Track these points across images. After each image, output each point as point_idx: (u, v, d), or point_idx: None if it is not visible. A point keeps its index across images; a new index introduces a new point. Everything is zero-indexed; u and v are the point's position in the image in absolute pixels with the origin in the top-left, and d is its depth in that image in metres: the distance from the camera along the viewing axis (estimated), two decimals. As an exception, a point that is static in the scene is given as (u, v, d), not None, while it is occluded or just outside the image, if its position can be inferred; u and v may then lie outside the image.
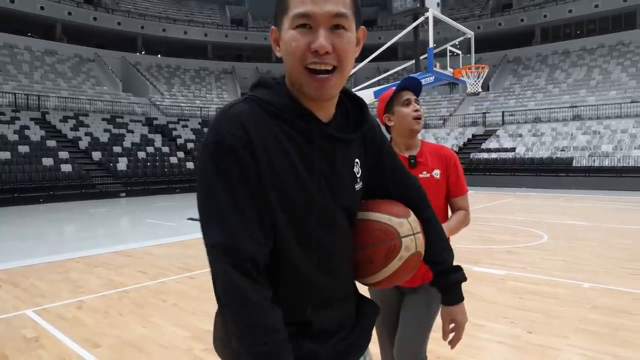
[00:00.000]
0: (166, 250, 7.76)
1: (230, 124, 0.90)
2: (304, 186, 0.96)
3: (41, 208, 15.67)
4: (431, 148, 2.18)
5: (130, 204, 17.20)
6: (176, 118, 28.19)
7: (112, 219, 13.15)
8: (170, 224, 11.43)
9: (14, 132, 19.87)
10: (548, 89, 29.65)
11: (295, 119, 0.96)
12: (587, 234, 8.69)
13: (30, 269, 6.55)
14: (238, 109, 0.93)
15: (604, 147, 20.53)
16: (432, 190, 2.04)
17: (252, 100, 0.96)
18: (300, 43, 0.92)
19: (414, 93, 2.13)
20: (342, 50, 0.94)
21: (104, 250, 7.81)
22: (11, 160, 17.85)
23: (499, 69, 34.14)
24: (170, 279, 5.85)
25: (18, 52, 29.10)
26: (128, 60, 34.24)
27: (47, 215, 13.85)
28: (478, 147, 24.43)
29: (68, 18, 32.42)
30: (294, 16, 0.92)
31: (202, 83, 36.38)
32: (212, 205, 0.90)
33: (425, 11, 8.71)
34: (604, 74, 28.90)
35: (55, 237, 10.47)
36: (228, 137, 0.89)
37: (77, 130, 22.38)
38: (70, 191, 17.93)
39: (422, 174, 2.10)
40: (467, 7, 40.51)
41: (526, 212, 12.05)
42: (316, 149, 0.98)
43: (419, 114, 2.09)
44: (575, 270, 5.87)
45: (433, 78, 8.85)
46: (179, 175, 21.80)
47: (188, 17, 39.58)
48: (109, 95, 28.47)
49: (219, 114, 0.95)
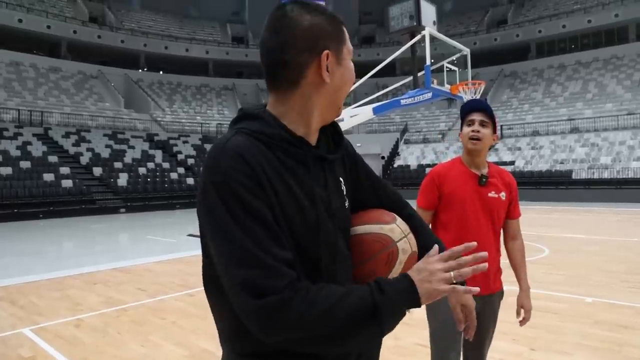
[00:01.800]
0: (166, 267, 7.74)
1: (232, 161, 0.88)
2: (308, 215, 0.95)
3: (41, 224, 15.65)
4: (496, 170, 2.29)
5: (130, 219, 17.18)
6: (177, 134, 28.32)
7: (111, 235, 13.13)
8: (170, 241, 11.41)
9: (17, 148, 19.98)
10: (545, 103, 29.84)
11: (289, 146, 0.95)
12: (588, 247, 8.67)
13: (28, 286, 6.52)
14: (235, 143, 0.90)
15: (602, 159, 20.58)
16: (499, 210, 2.20)
17: (244, 133, 0.93)
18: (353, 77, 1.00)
19: (484, 113, 2.19)
20: None
21: (103, 267, 7.78)
22: (12, 176, 17.91)
23: (496, 84, 34.41)
24: (169, 296, 5.82)
25: (23, 69, 29.47)
26: (130, 77, 34.55)
27: (47, 231, 13.82)
28: (478, 161, 24.44)
29: (73, 36, 32.97)
30: (351, 51, 1.00)
31: (203, 99, 36.63)
32: (233, 245, 0.85)
33: (421, 29, 8.81)
34: (600, 87, 29.14)
35: (54, 253, 10.44)
36: (234, 174, 0.86)
37: (78, 145, 22.48)
38: (70, 207, 17.93)
39: (490, 193, 2.19)
40: (463, 24, 40.97)
41: (526, 226, 11.97)
42: (312, 175, 0.98)
43: (475, 135, 2.16)
44: (577, 285, 5.84)
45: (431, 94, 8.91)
46: (179, 191, 21.82)
47: (190, 35, 40.01)
48: (111, 112, 28.66)
49: (216, 150, 0.91)
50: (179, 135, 28.07)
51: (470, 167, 2.23)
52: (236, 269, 0.84)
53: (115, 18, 37.59)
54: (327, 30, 0.97)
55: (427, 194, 2.25)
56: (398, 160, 27.67)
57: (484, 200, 2.17)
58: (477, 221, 2.16)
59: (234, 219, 0.85)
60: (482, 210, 2.17)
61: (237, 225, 0.84)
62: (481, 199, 2.17)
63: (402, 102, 9.31)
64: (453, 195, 2.18)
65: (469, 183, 2.19)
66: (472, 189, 2.18)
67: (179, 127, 29.92)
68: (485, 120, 2.18)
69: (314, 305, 0.83)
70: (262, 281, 0.82)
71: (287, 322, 0.82)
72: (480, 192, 2.18)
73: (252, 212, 0.85)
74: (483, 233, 2.15)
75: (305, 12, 0.97)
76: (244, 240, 0.84)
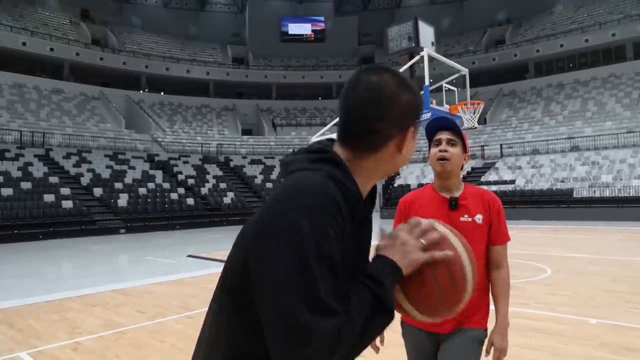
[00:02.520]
0: (165, 289, 7.68)
1: (327, 203, 0.87)
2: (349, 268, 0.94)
3: (40, 245, 15.58)
4: (474, 191, 2.09)
5: (129, 240, 17.11)
6: (177, 154, 28.42)
7: (111, 256, 13.06)
8: (170, 262, 11.35)
9: (18, 169, 20.04)
10: (544, 121, 29.99)
11: (357, 204, 0.96)
12: (590, 267, 8.60)
13: (27, 308, 6.46)
14: (328, 185, 0.90)
15: (603, 177, 20.58)
16: (474, 235, 1.95)
17: (330, 178, 0.93)
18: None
19: (450, 131, 2.03)
20: None
21: (103, 288, 7.72)
22: (13, 197, 17.91)
23: (495, 102, 34.65)
24: (168, 318, 5.76)
25: (26, 91, 29.77)
26: (132, 97, 34.84)
27: (47, 252, 13.76)
28: (477, 180, 24.49)
29: (76, 58, 33.42)
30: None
31: (204, 120, 36.85)
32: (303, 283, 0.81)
33: (420, 50, 8.90)
34: (599, 105, 29.31)
35: (53, 274, 10.37)
36: (328, 217, 0.85)
37: (79, 166, 22.54)
38: (70, 227, 17.89)
39: (463, 217, 2.00)
40: (462, 44, 41.45)
41: (527, 245, 11.96)
42: (364, 233, 1.01)
43: (442, 154, 1.99)
44: (580, 306, 5.77)
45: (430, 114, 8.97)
46: (179, 211, 21.79)
47: (191, 57, 40.47)
48: (112, 132, 28.82)
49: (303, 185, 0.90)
50: (179, 156, 28.16)
51: (440, 192, 2.07)
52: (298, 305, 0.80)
53: (118, 40, 38.08)
54: (416, 108, 1.03)
55: (395, 224, 2.04)
56: (398, 179, 27.70)
57: (454, 226, 1.94)
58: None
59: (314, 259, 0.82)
60: None
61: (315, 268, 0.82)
62: (452, 224, 1.94)
63: (401, 122, 9.35)
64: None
65: (438, 208, 2.01)
66: (440, 215, 1.96)
67: (180, 148, 30.04)
68: (453, 139, 2.01)
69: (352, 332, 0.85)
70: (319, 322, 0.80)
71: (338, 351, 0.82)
72: (451, 217, 1.98)
73: (332, 258, 0.84)
74: None
75: (402, 88, 1.00)
76: (315, 282, 0.81)
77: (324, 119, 37.42)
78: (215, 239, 17.10)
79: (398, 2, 46.65)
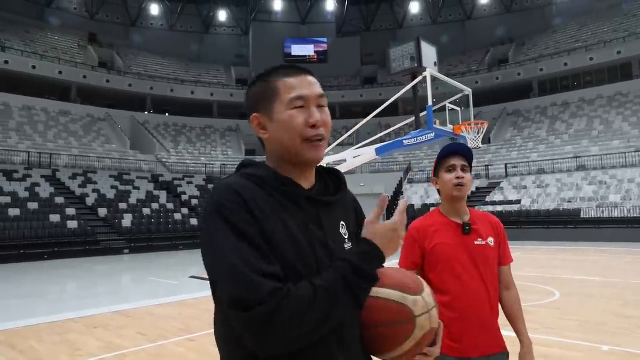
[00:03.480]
0: (167, 310, 7.61)
1: (225, 193, 1.00)
2: (303, 249, 1.01)
3: (45, 265, 15.56)
4: (480, 214, 2.12)
5: (133, 260, 17.06)
6: (181, 175, 28.51)
7: (114, 277, 13.00)
8: (172, 282, 11.27)
9: (25, 189, 20.19)
10: (550, 140, 29.89)
11: (280, 186, 1.07)
12: (601, 290, 8.42)
13: (29, 329, 6.41)
14: (229, 181, 1.05)
15: (611, 197, 20.33)
16: (489, 258, 2.01)
17: (239, 176, 1.08)
18: (300, 120, 1.09)
19: (464, 158, 2.06)
20: (328, 123, 1.14)
21: (105, 309, 7.67)
22: (20, 217, 18.01)
23: (499, 122, 34.61)
24: (170, 341, 5.69)
25: (35, 113, 30.17)
26: (137, 119, 35.15)
27: (51, 272, 13.73)
28: (482, 200, 24.35)
29: (83, 81, 33.90)
30: (291, 100, 1.09)
31: (208, 140, 37.06)
32: (222, 264, 0.94)
33: (422, 71, 8.92)
34: (605, 124, 29.14)
35: (56, 295, 10.33)
36: (225, 203, 0.98)
37: (85, 187, 22.64)
38: (75, 247, 17.90)
39: (477, 240, 2.01)
40: (465, 63, 41.69)
41: (535, 267, 11.78)
42: (305, 214, 1.06)
43: (460, 181, 2.01)
44: (591, 331, 5.61)
45: (433, 135, 8.95)
46: (182, 232, 21.75)
47: (195, 78, 40.93)
48: (117, 153, 29.01)
49: (214, 189, 1.05)
50: (183, 176, 28.25)
51: (450, 217, 2.06)
52: (225, 284, 0.92)
53: (124, 63, 38.62)
54: (257, 95, 1.13)
55: (409, 253, 2.03)
56: (402, 199, 27.57)
57: (471, 251, 1.99)
58: (470, 276, 1.96)
59: (223, 239, 0.95)
60: (471, 262, 1.97)
61: (226, 245, 0.94)
62: (468, 249, 1.99)
63: (404, 143, 9.35)
64: (437, 251, 1.99)
65: (452, 234, 2.01)
66: (456, 241, 1.99)
67: (184, 168, 30.15)
68: (466, 165, 2.05)
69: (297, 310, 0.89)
70: (247, 294, 0.89)
71: (275, 331, 0.88)
72: (466, 242, 1.99)
73: (240, 233, 0.95)
74: (477, 289, 1.96)
75: (253, 83, 1.16)
76: (231, 257, 0.93)
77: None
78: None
79: (400, 22, 47.16)
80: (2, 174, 20.77)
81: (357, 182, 31.28)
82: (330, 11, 46.75)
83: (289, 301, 0.89)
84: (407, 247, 2.06)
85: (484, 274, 1.98)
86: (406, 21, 47.02)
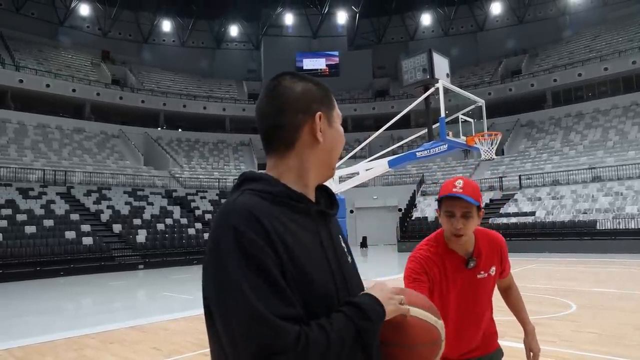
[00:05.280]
0: (181, 325, 7.62)
1: (242, 218, 0.92)
2: (321, 264, 0.99)
3: (61, 281, 15.70)
4: (483, 238, 2.04)
5: (147, 276, 17.15)
6: (194, 190, 28.70)
7: (129, 292, 13.07)
8: (187, 297, 11.29)
9: (41, 207, 20.44)
10: (564, 151, 29.59)
11: (293, 202, 1.01)
12: (618, 302, 8.28)
13: (46, 345, 6.45)
14: (243, 201, 0.95)
15: (628, 208, 20.02)
16: (487, 287, 2.03)
17: (250, 192, 0.99)
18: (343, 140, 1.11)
19: (467, 204, 1.89)
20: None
21: (120, 325, 7.70)
22: (36, 234, 18.21)
23: (513, 133, 34.37)
24: (184, 356, 5.69)
25: (49, 131, 30.64)
26: (150, 135, 35.56)
27: (67, 289, 13.84)
28: (497, 212, 24.12)
29: (97, 98, 34.38)
30: (339, 115, 1.10)
31: (220, 155, 37.33)
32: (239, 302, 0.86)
33: (435, 82, 8.90)
34: (621, 134, 28.80)
35: (72, 311, 10.40)
36: (243, 230, 0.90)
37: (99, 203, 22.89)
38: (90, 264, 18.03)
39: (479, 274, 1.99)
40: (477, 75, 41.63)
41: (550, 279, 11.61)
42: (318, 226, 1.04)
43: (457, 232, 1.90)
44: (608, 344, 5.50)
45: (446, 146, 8.91)
46: (196, 246, 21.83)
47: (207, 93, 41.39)
48: (131, 169, 29.33)
49: (225, 209, 0.95)
50: (196, 191, 28.44)
51: (454, 248, 1.99)
52: (246, 328, 0.85)
53: (136, 79, 39.21)
54: (318, 95, 1.07)
55: (417, 282, 1.91)
56: (415, 212, 27.43)
57: (474, 284, 1.99)
58: (472, 308, 2.00)
59: (242, 276, 0.87)
60: (474, 295, 1.99)
61: (245, 284, 0.86)
62: (471, 284, 1.98)
63: (417, 155, 9.33)
64: (441, 285, 1.95)
65: (454, 268, 1.97)
66: (460, 276, 1.96)
67: (197, 183, 30.36)
68: (467, 211, 1.89)
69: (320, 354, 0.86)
70: (272, 341, 0.83)
71: None
72: (469, 276, 1.97)
73: (261, 270, 0.88)
74: (478, 315, 2.03)
75: (298, 81, 1.07)
76: (251, 298, 0.85)
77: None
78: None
79: (412, 34, 47.37)
80: (18, 192, 21.12)
81: (370, 195, 31.25)
82: (341, 24, 47.14)
83: (314, 347, 0.86)
84: (414, 276, 1.95)
85: (484, 300, 2.04)
86: (418, 33, 47.21)
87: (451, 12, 45.30)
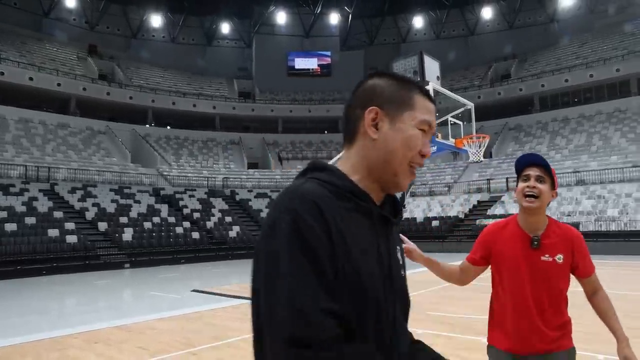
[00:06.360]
0: (168, 325, 7.54)
1: (305, 204, 0.89)
2: (374, 268, 0.96)
3: (44, 280, 15.44)
4: (559, 229, 2.10)
5: (134, 275, 16.97)
6: (183, 188, 28.47)
7: (114, 291, 12.91)
8: (174, 296, 11.19)
9: (22, 204, 20.03)
10: (550, 155, 29.95)
11: (357, 199, 0.98)
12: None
13: (27, 346, 6.33)
14: (307, 189, 0.93)
15: (609, 211, 20.41)
16: (552, 274, 2.05)
17: (315, 182, 0.96)
18: (419, 143, 1.03)
19: (542, 168, 2.04)
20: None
21: (105, 324, 7.59)
22: (17, 232, 17.83)
23: (501, 136, 34.78)
24: (171, 355, 5.62)
25: (32, 126, 29.99)
26: (138, 132, 35.18)
27: (50, 288, 13.63)
28: (484, 214, 24.31)
29: (83, 93, 33.79)
30: (423, 121, 1.03)
31: (210, 153, 37.10)
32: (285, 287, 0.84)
33: (425, 84, 8.96)
34: (604, 139, 29.36)
35: (55, 311, 10.24)
36: (305, 216, 0.87)
37: (84, 201, 22.55)
38: (74, 262, 17.72)
39: (544, 256, 2.03)
40: (467, 78, 41.98)
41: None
42: (378, 231, 1.00)
43: (530, 191, 1.99)
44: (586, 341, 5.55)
45: (436, 148, 8.97)
46: (184, 245, 21.66)
47: (197, 91, 41.11)
48: (117, 166, 28.96)
49: (288, 194, 0.93)
50: (185, 190, 28.21)
51: (523, 228, 2.08)
52: (281, 307, 0.83)
53: (125, 75, 38.77)
54: (387, 92, 1.04)
55: (477, 249, 2.19)
56: (405, 213, 27.55)
57: (534, 265, 2.04)
58: (523, 287, 2.04)
59: (292, 257, 0.85)
60: (531, 275, 2.03)
61: (294, 266, 0.84)
62: (532, 263, 2.04)
63: (407, 156, 9.34)
64: (501, 257, 2.09)
65: (519, 246, 2.06)
66: (521, 253, 2.05)
67: (185, 182, 30.13)
68: (542, 176, 2.02)
69: None
70: (310, 333, 0.81)
71: None
72: (532, 256, 2.04)
73: (313, 259, 0.85)
74: (530, 298, 2.04)
75: (376, 77, 1.07)
76: (296, 282, 0.84)
77: (329, 153, 37.59)
78: (221, 273, 16.92)
79: (404, 36, 47.57)
80: (-1, 188, 20.68)
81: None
82: (334, 25, 47.18)
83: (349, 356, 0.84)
84: (477, 244, 2.20)
85: (543, 287, 2.05)
86: (410, 35, 47.44)
87: (443, 16, 45.61)
